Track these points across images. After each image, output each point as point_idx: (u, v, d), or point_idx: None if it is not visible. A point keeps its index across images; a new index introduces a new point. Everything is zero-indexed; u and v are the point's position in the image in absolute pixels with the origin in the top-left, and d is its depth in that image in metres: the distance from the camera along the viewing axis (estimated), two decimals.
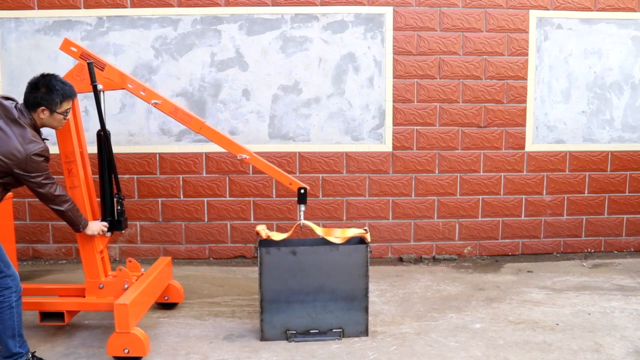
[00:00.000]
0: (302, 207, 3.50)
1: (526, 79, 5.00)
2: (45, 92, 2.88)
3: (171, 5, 4.77)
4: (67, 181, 3.23)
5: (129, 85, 3.30)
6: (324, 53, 4.87)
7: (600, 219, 5.24)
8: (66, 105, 2.94)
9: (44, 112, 2.89)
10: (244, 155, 3.45)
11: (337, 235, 3.48)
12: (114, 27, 4.78)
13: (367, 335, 3.39)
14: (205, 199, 4.98)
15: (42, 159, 2.83)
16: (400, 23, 4.87)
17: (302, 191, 3.48)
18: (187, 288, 4.19)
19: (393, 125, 4.96)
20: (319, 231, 3.48)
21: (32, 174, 2.81)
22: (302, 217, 3.49)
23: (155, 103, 3.32)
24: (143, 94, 3.32)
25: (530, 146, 5.08)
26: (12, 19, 4.76)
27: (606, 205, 5.23)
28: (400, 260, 5.09)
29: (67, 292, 3.50)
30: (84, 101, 4.66)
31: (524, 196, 5.14)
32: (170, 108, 3.36)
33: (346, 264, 3.32)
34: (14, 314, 2.83)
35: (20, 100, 2.97)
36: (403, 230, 5.10)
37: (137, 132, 4.90)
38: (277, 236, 3.43)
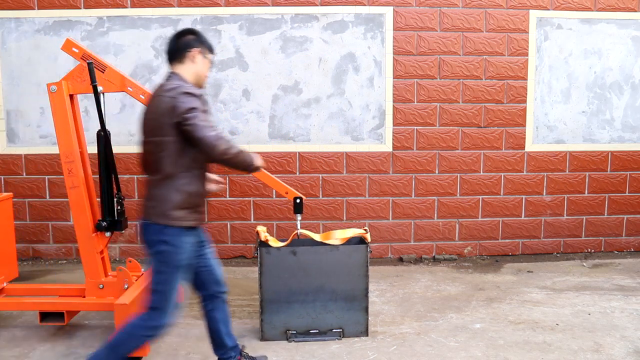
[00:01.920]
0: (299, 217, 3.50)
1: (526, 79, 5.00)
2: (195, 37, 2.60)
3: (171, 5, 4.77)
4: (67, 181, 3.23)
5: (129, 88, 3.30)
6: (324, 53, 4.87)
7: (600, 219, 5.24)
8: (211, 56, 2.67)
9: (199, 55, 2.57)
10: None
11: (337, 237, 3.47)
12: (114, 27, 4.78)
13: (367, 335, 3.39)
14: (205, 199, 4.97)
15: (194, 97, 2.41)
16: (400, 23, 4.88)
17: (298, 201, 3.48)
18: (187, 288, 4.18)
19: (393, 125, 4.96)
20: (317, 238, 3.47)
21: (184, 114, 2.35)
22: (299, 226, 3.50)
23: None
24: (143, 97, 3.31)
25: (530, 146, 5.08)
26: (12, 19, 4.76)
27: (606, 205, 5.23)
28: (400, 260, 5.09)
29: (67, 292, 3.50)
30: (84, 101, 4.66)
31: (524, 196, 5.14)
32: None
33: (346, 264, 3.32)
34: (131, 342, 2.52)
35: None
36: (403, 230, 5.10)
37: (137, 132, 4.89)
38: (275, 243, 3.42)
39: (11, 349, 3.24)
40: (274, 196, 4.98)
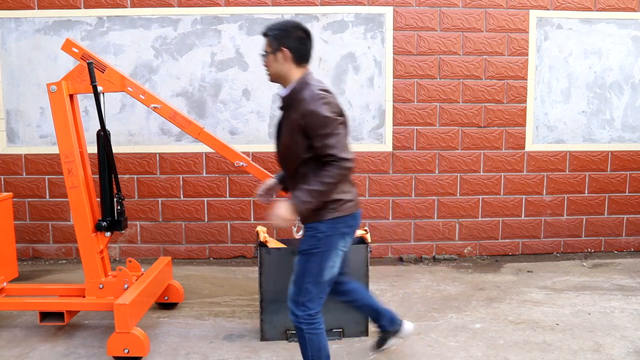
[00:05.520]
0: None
1: (526, 79, 5.00)
2: None
3: (171, 5, 4.77)
4: (67, 181, 3.23)
5: (128, 88, 3.30)
6: (324, 53, 4.87)
7: (600, 219, 5.24)
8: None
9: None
10: (242, 163, 3.46)
11: None
12: (114, 27, 4.78)
13: (367, 335, 3.39)
14: (205, 199, 4.98)
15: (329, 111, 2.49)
16: (400, 23, 4.88)
17: None
18: (187, 288, 4.19)
19: (393, 125, 4.96)
20: None
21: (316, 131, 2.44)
22: (300, 224, 3.49)
23: (155, 107, 3.32)
24: (143, 97, 3.31)
25: (530, 146, 5.08)
26: (12, 19, 4.76)
27: (606, 205, 5.23)
28: (400, 260, 5.09)
29: (67, 292, 3.50)
30: (84, 101, 4.66)
31: (524, 196, 5.14)
32: (170, 113, 3.36)
33: (346, 264, 3.31)
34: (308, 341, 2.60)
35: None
36: (403, 230, 5.10)
37: (137, 132, 4.90)
38: (275, 244, 3.42)
39: (11, 349, 3.24)
40: (274, 196, 4.97)
